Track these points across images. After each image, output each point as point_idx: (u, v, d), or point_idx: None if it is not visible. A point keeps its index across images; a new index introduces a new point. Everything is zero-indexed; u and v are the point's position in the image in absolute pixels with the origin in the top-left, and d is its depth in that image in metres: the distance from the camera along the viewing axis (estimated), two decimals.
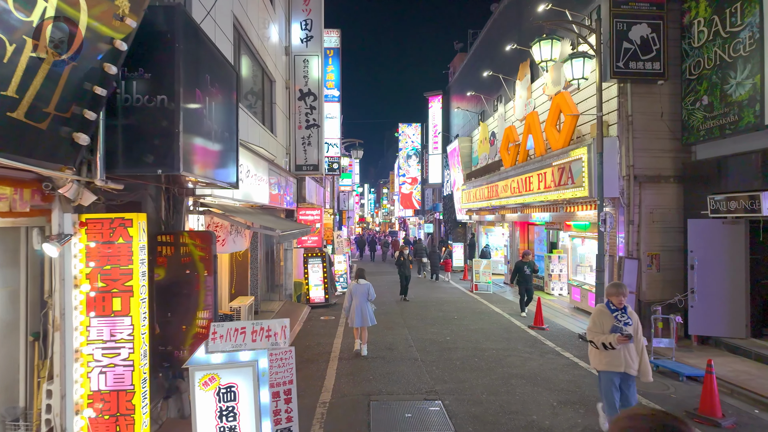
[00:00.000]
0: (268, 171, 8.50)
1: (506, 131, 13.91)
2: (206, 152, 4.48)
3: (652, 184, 8.84)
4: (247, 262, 9.17)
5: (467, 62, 22.16)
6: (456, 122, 25.00)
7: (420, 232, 38.89)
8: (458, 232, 23.99)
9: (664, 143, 8.90)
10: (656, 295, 8.71)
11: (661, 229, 8.84)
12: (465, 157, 20.49)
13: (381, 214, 72.61)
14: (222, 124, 4.83)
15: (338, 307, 12.26)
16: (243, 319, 8.03)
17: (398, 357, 7.60)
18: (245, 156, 6.83)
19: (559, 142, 10.29)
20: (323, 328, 9.92)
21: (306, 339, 8.95)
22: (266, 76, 10.11)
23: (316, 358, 7.66)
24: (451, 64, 29.00)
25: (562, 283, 13.38)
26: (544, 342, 8.53)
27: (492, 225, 19.00)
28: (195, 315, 4.68)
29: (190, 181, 4.94)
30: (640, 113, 8.83)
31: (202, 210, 5.76)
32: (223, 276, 8.64)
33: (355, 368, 7.06)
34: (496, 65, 15.72)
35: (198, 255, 4.67)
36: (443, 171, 26.74)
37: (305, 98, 11.70)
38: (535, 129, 11.71)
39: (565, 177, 9.77)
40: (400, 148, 36.66)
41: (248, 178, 7.10)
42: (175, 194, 5.17)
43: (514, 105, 14.65)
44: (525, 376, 6.60)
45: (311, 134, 11.69)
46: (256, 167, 7.52)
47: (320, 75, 11.79)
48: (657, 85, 8.76)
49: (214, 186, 5.05)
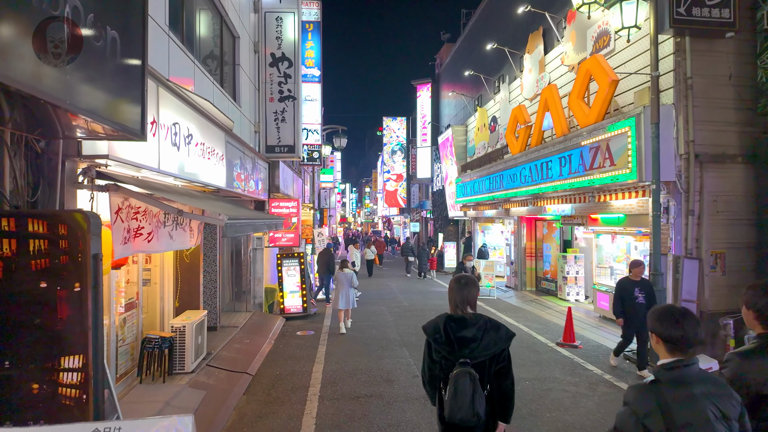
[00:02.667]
0: (225, 143, 6.38)
1: (514, 112, 12.03)
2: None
3: (715, 164, 7.04)
4: (199, 265, 7.01)
5: (462, 41, 20.27)
6: (447, 112, 23.14)
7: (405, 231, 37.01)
8: (450, 231, 22.11)
9: (728, 114, 7.11)
10: (721, 305, 6.91)
11: (727, 222, 7.05)
12: (459, 147, 18.61)
13: (363, 213, 70.54)
14: (115, 24, 2.69)
15: (319, 318, 10.15)
16: (189, 342, 5.88)
17: (401, 395, 5.55)
18: (181, 111, 4.70)
19: (590, 116, 8.43)
20: (300, 348, 7.82)
21: (276, 365, 6.84)
22: (227, 28, 7.96)
23: (287, 396, 5.57)
24: (438, 55, 27.20)
25: (579, 287, 11.57)
26: (586, 366, 6.62)
27: (490, 222, 17.15)
28: (57, 364, 2.57)
29: (49, 105, 2.80)
30: (700, 76, 7.02)
31: (103, 185, 3.63)
32: (166, 284, 6.47)
33: (345, 413, 5.01)
34: (500, 38, 13.85)
35: (61, 255, 2.56)
36: (433, 165, 24.86)
37: (278, 64, 9.58)
38: (554, 105, 9.85)
39: (600, 158, 7.90)
40: (385, 143, 34.75)
41: (189, 146, 4.97)
42: (40, 148, 3.04)
43: (521, 83, 12.79)
44: (588, 428, 4.64)
45: (285, 108, 9.57)
46: (203, 133, 5.39)
47: (296, 36, 9.69)
48: (723, 39, 6.97)
49: (99, 133, 2.90)
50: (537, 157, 10.33)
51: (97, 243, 2.66)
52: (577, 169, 8.64)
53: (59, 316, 2.56)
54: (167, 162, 4.35)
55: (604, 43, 8.86)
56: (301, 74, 9.98)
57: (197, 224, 5.58)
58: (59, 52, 2.11)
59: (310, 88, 14.61)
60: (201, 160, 5.38)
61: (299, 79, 9.83)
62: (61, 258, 2.57)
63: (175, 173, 4.58)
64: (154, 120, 4.04)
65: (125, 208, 3.91)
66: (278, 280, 10.52)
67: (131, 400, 5.05)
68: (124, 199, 3.88)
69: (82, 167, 3.49)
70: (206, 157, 5.57)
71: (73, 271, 2.57)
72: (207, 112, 5.53)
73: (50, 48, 2.06)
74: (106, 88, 2.53)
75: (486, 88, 15.79)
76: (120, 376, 5.26)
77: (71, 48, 2.17)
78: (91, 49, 2.34)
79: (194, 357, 6.00)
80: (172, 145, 4.49)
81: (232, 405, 5.33)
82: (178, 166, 4.62)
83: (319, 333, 8.84)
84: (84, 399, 2.56)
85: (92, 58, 2.34)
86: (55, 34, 2.07)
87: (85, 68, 2.28)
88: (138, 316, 5.73)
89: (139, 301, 5.75)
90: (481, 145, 16.42)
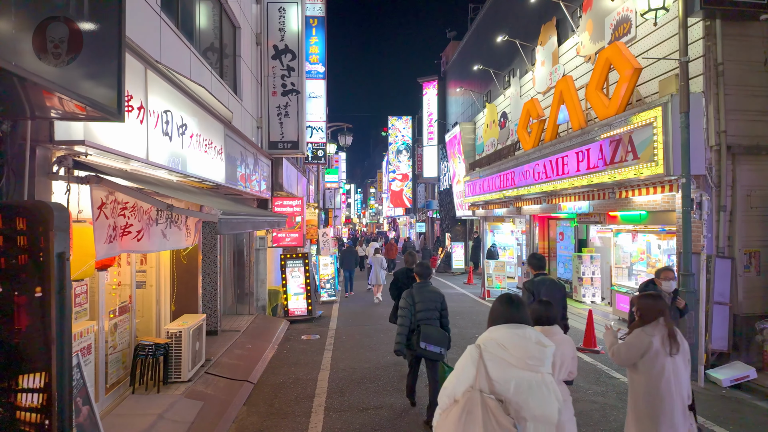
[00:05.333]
0: (224, 137, 5.98)
1: (526, 107, 11.57)
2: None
3: (749, 156, 6.56)
4: (197, 266, 6.61)
5: (470, 36, 19.81)
6: (454, 110, 22.69)
7: (411, 231, 36.54)
8: (457, 231, 21.64)
9: (763, 102, 6.63)
10: (756, 307, 6.44)
11: (762, 218, 6.57)
12: (467, 145, 18.15)
13: (368, 214, 70.12)
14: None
15: (324, 322, 9.74)
16: (185, 349, 5.48)
17: (417, 411, 5.12)
18: (174, 98, 4.30)
19: (610, 108, 7.96)
20: (305, 353, 7.41)
21: (279, 372, 6.43)
22: (226, 17, 7.58)
23: (291, 408, 5.15)
24: (444, 53, 26.74)
25: (595, 288, 11.08)
26: (611, 374, 6.17)
27: (500, 221, 16.68)
28: (14, 384, 2.16)
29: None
30: (732, 61, 6.55)
31: (83, 176, 3.24)
32: (162, 286, 6.09)
33: (353, 427, 4.58)
34: (510, 31, 13.39)
35: (19, 254, 2.16)
36: (440, 164, 24.41)
37: (281, 56, 9.18)
38: (569, 97, 9.38)
39: (622, 151, 7.44)
40: (390, 143, 34.33)
41: (183, 137, 4.57)
42: (2, 131, 2.63)
43: (533, 76, 12.33)
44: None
45: (289, 102, 9.18)
46: (199, 123, 4.99)
47: (300, 28, 9.29)
48: (757, 22, 6.49)
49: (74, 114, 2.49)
50: (551, 152, 9.87)
51: (63, 240, 2.25)
52: (596, 164, 8.18)
53: (17, 326, 2.15)
54: (157, 153, 3.95)
55: (624, 31, 8.40)
56: (304, 67, 9.59)
57: (194, 223, 5.18)
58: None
59: (315, 84, 14.20)
60: (197, 153, 4.98)
61: (303, 72, 9.44)
62: (19, 257, 2.16)
63: (168, 165, 4.17)
64: (141, 105, 3.64)
65: (110, 203, 3.52)
66: (282, 282, 10.12)
67: (121, 412, 4.66)
68: (108, 193, 3.48)
69: (57, 155, 3.10)
70: (203, 150, 5.17)
71: (33, 273, 2.17)
72: (204, 101, 5.13)
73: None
74: (80, 61, 2.12)
75: (495, 83, 15.32)
76: (111, 386, 4.87)
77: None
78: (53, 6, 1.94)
79: (191, 364, 5.60)
80: (163, 135, 4.09)
81: (232, 417, 4.93)
82: (170, 158, 4.22)
83: (324, 337, 8.43)
84: (47, 425, 2.16)
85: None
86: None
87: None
88: (131, 320, 5.34)
89: (132, 304, 5.37)
90: (490, 142, 15.97)
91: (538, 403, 2.05)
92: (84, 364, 4.17)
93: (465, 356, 2.19)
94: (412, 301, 4.62)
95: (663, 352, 2.96)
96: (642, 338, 3.05)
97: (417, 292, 4.67)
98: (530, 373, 2.08)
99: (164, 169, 4.21)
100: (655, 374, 2.96)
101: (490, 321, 2.29)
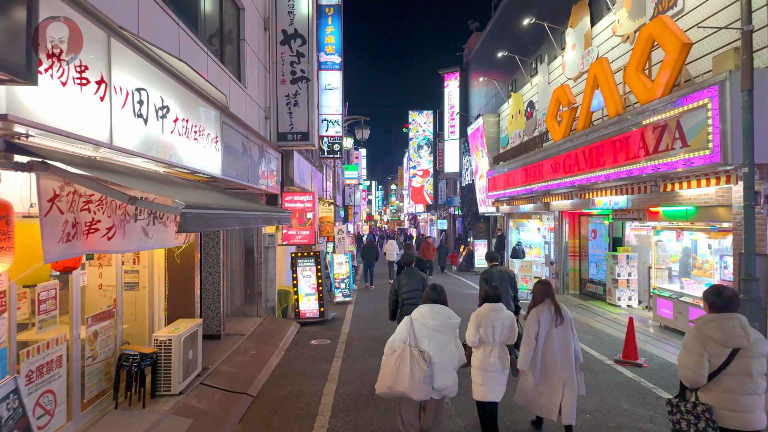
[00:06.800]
0: (219, 124, 5.41)
1: (555, 93, 10.70)
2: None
3: None
4: (194, 266, 6.09)
5: (494, 23, 18.88)
6: (476, 102, 21.80)
7: (432, 229, 35.74)
8: (480, 228, 20.78)
9: None
10: None
11: None
12: (491, 137, 17.28)
13: (389, 211, 69.51)
14: None
15: (336, 325, 9.15)
16: (175, 358, 4.95)
17: None
18: (149, 74, 3.71)
19: (653, 91, 7.09)
20: (312, 361, 6.82)
21: (283, 384, 5.86)
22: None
23: (290, 428, 4.56)
24: (467, 45, 25.80)
25: (631, 290, 10.17)
26: (658, 393, 5.36)
27: (526, 218, 15.79)
28: None
29: None
30: None
31: (25, 162, 2.69)
32: (156, 288, 5.58)
33: None
34: (537, 14, 12.49)
35: None
36: (461, 158, 23.56)
37: (290, 42, 8.60)
38: (605, 81, 8.50)
39: (668, 139, 6.57)
40: (411, 138, 33.57)
41: (164, 120, 4.00)
42: None
43: (563, 61, 11.44)
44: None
45: (298, 91, 8.59)
46: (186, 107, 4.42)
47: (311, 11, 8.69)
48: None
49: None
50: (585, 142, 9.01)
51: None
52: (636, 154, 7.32)
53: None
54: (126, 137, 3.38)
55: (669, 4, 7.49)
56: (315, 53, 8.99)
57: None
58: None
59: (331, 76, 13.61)
60: (184, 141, 4.41)
61: (314, 59, 8.84)
62: None
63: (141, 152, 3.60)
64: (102, 79, 3.07)
65: (67, 196, 2.97)
66: (293, 282, 9.58)
67: (100, 430, 4.15)
68: (64, 183, 2.92)
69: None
70: (191, 137, 4.60)
71: None
72: (192, 82, 4.56)
73: None
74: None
75: (521, 71, 14.43)
76: (90, 400, 4.37)
77: None
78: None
79: (183, 376, 5.07)
80: (135, 117, 3.52)
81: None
82: (144, 144, 3.65)
83: (335, 342, 7.83)
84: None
85: None
86: None
87: None
88: (116, 327, 4.83)
89: (118, 309, 4.86)
90: (515, 133, 15.09)
91: (445, 355, 3.44)
92: (50, 380, 3.67)
93: (403, 322, 3.60)
94: (398, 284, 5.47)
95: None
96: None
97: (404, 277, 5.53)
98: (441, 335, 3.48)
99: (138, 156, 3.64)
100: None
101: (423, 301, 3.78)
